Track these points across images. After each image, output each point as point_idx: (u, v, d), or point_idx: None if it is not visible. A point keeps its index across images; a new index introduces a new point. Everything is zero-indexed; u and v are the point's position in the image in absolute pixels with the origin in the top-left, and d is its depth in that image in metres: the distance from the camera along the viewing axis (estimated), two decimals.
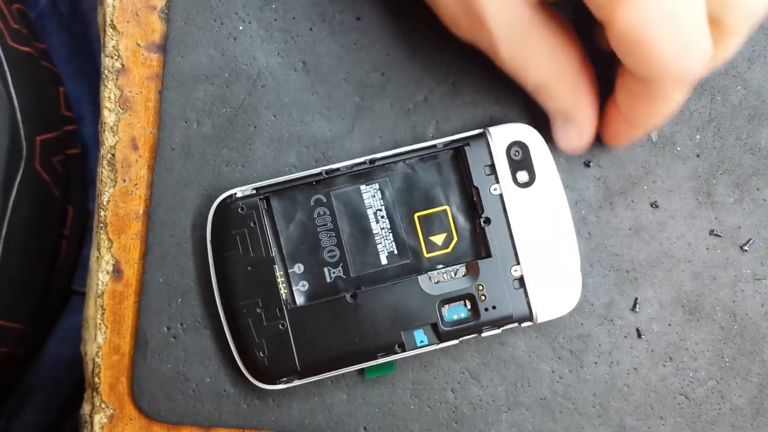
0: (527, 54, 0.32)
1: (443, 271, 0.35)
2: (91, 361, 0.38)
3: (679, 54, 0.28)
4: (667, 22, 0.28)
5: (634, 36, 0.28)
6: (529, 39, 0.31)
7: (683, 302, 0.37)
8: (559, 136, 0.35)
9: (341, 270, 0.35)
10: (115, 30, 0.38)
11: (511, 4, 0.30)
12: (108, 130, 0.38)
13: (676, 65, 0.29)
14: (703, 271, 0.37)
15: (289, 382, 0.35)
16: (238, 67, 0.37)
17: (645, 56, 0.29)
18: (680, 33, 0.28)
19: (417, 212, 0.35)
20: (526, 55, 0.32)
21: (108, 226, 0.37)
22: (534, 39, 0.31)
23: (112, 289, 0.38)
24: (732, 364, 0.37)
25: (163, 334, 0.37)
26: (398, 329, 0.34)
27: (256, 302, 0.35)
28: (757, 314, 0.37)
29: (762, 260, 0.37)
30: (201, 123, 0.37)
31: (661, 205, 0.37)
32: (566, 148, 0.35)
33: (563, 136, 0.35)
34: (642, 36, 0.28)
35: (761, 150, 0.37)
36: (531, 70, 0.32)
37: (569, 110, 0.34)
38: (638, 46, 0.28)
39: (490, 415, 0.37)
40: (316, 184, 0.35)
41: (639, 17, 0.28)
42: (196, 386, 0.37)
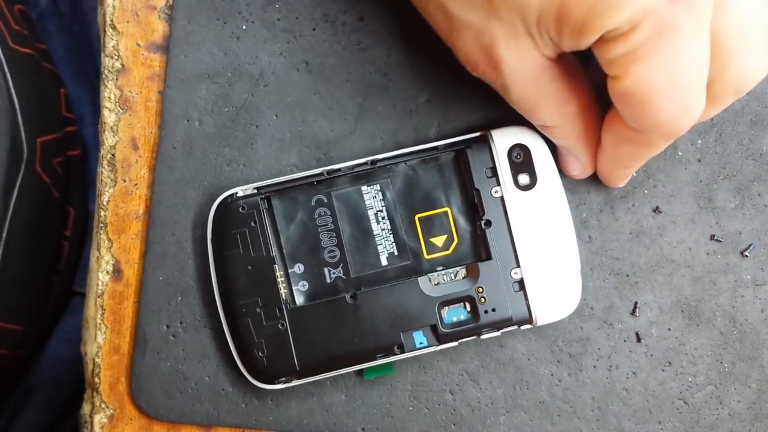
0: (538, 101, 0.33)
1: (443, 273, 0.35)
2: (91, 361, 0.38)
3: (677, 115, 0.30)
4: (674, 87, 0.29)
5: (640, 95, 0.29)
6: (541, 90, 0.32)
7: (683, 307, 0.37)
8: (564, 165, 0.36)
9: (341, 270, 0.35)
10: (115, 30, 0.38)
11: (529, 59, 0.31)
12: (108, 130, 0.38)
13: (673, 124, 0.30)
14: (703, 276, 0.37)
15: (287, 382, 0.35)
16: (240, 67, 0.37)
17: (645, 113, 0.30)
18: (684, 97, 0.29)
19: (418, 213, 0.35)
20: (537, 102, 0.33)
21: (108, 226, 0.37)
22: (545, 90, 0.32)
23: (112, 289, 0.38)
24: (731, 370, 0.37)
25: (162, 333, 0.37)
26: (398, 330, 0.34)
27: (255, 302, 0.35)
28: (756, 320, 0.37)
29: (762, 266, 0.37)
30: (203, 122, 0.37)
31: (662, 209, 0.37)
32: (569, 176, 0.36)
33: (567, 165, 0.36)
34: (647, 96, 0.29)
35: (762, 156, 0.37)
36: (540, 114, 0.33)
37: (573, 148, 0.35)
38: (641, 104, 0.29)
39: (488, 417, 0.37)
40: (317, 184, 0.35)
41: (649, 79, 0.29)
42: (194, 385, 0.37)
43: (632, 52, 0.28)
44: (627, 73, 0.29)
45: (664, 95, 0.29)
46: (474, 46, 0.32)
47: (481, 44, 0.31)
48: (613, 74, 0.30)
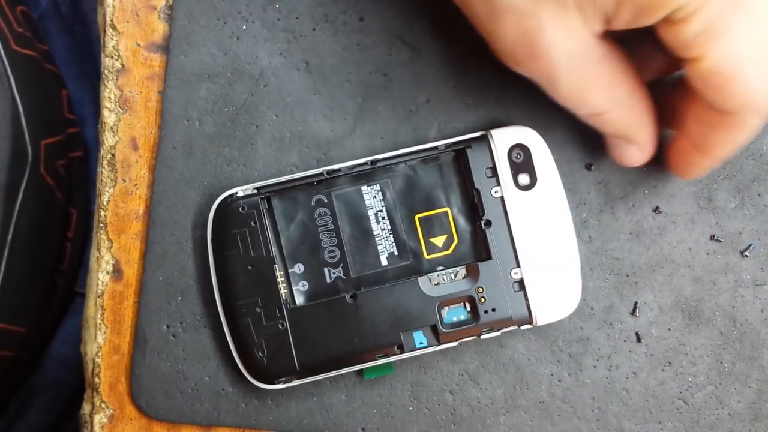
0: (587, 85, 0.31)
1: (443, 273, 0.35)
2: (91, 361, 0.38)
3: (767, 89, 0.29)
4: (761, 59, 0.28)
5: (728, 73, 0.28)
6: (590, 70, 0.31)
7: (683, 307, 0.37)
8: (619, 155, 0.35)
9: (341, 270, 0.35)
10: (115, 30, 0.38)
11: (579, 38, 0.30)
12: (108, 130, 0.38)
13: (764, 100, 0.29)
14: (703, 276, 0.37)
15: (287, 382, 0.35)
16: (240, 67, 0.37)
17: (736, 92, 0.29)
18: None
19: (418, 214, 0.35)
20: (586, 86, 0.31)
21: (108, 226, 0.37)
22: (594, 70, 0.31)
23: (112, 289, 0.38)
24: (731, 370, 0.37)
25: (162, 333, 0.37)
26: (398, 330, 0.34)
27: (255, 302, 0.35)
28: (756, 320, 0.37)
29: (762, 266, 0.37)
30: (203, 122, 0.37)
31: (662, 209, 0.37)
32: (626, 165, 0.35)
33: (622, 154, 0.35)
34: (736, 72, 0.28)
35: (762, 156, 0.37)
36: (590, 100, 0.32)
37: (628, 134, 0.33)
38: (730, 82, 0.28)
39: (488, 417, 0.37)
40: (317, 184, 0.35)
41: (735, 53, 0.28)
42: (194, 385, 0.37)
43: (709, 28, 0.27)
44: (708, 51, 0.28)
45: (755, 67, 0.28)
46: (517, 32, 0.30)
47: (526, 30, 0.30)
48: (692, 56, 0.28)
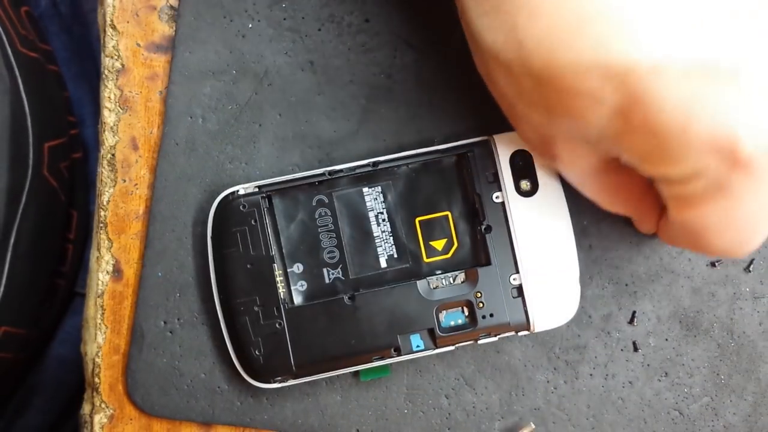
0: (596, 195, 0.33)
1: (442, 277, 0.35)
2: (91, 361, 0.38)
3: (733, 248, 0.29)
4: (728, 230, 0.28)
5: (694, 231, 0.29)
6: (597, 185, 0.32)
7: (681, 317, 0.37)
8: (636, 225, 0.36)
9: (340, 271, 0.35)
10: (115, 30, 0.38)
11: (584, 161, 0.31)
12: (108, 130, 0.38)
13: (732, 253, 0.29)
14: (702, 288, 0.37)
15: (283, 381, 0.35)
16: (245, 65, 0.37)
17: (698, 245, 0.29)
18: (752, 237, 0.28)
19: (418, 217, 0.35)
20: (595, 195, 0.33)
21: (108, 226, 0.37)
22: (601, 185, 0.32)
23: (112, 289, 0.38)
24: (727, 382, 0.37)
25: (159, 329, 0.37)
26: (395, 333, 0.34)
27: (254, 300, 0.35)
28: (754, 332, 0.37)
29: (761, 279, 0.37)
30: (206, 119, 0.37)
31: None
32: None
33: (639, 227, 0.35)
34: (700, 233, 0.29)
35: None
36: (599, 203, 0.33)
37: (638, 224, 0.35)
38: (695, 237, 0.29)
39: (483, 422, 0.37)
40: (318, 184, 0.35)
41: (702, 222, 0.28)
42: (190, 382, 0.37)
43: (687, 198, 0.28)
44: (681, 211, 0.29)
45: (718, 235, 0.28)
46: (534, 135, 0.32)
47: (542, 137, 0.31)
48: (668, 204, 0.29)
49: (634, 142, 0.27)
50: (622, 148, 0.28)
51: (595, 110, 0.27)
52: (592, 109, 0.27)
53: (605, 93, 0.26)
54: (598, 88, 0.26)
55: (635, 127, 0.26)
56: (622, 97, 0.26)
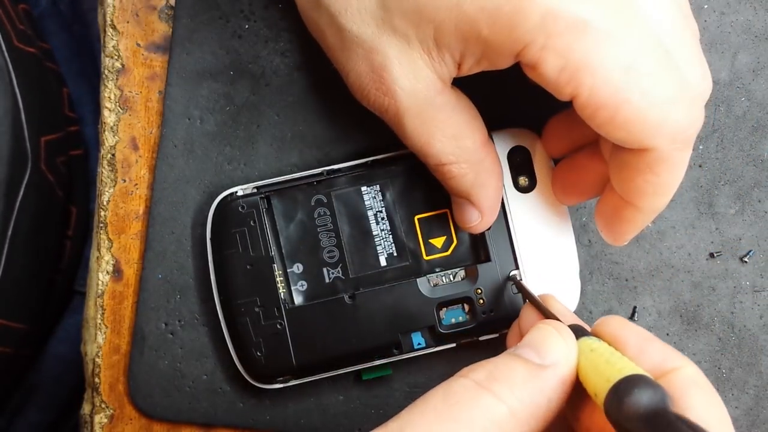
0: (432, 131, 0.31)
1: (442, 274, 0.35)
2: (91, 361, 0.38)
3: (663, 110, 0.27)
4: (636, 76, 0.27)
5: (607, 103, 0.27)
6: (436, 116, 0.31)
7: (681, 312, 0.37)
8: (460, 216, 0.34)
9: (340, 271, 0.35)
10: (115, 30, 0.38)
11: (423, 78, 0.30)
12: (108, 130, 0.38)
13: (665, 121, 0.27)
14: (702, 282, 0.37)
15: (285, 381, 0.35)
16: (242, 66, 0.37)
17: (626, 121, 0.27)
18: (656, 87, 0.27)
19: (417, 215, 0.35)
20: (431, 132, 0.31)
21: (108, 226, 0.37)
22: (441, 116, 0.31)
23: (112, 289, 0.38)
24: (729, 376, 0.37)
25: (160, 331, 0.37)
26: (396, 331, 0.34)
27: (254, 301, 0.35)
28: (755, 326, 0.37)
29: (761, 272, 0.37)
30: (204, 120, 0.37)
31: (662, 214, 0.37)
32: (467, 229, 0.34)
33: (464, 216, 0.33)
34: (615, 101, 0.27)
35: (763, 162, 0.37)
36: (435, 147, 0.31)
37: (471, 190, 0.32)
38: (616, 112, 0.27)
39: None
40: (317, 184, 0.35)
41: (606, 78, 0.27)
42: (192, 383, 0.37)
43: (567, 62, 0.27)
44: (579, 85, 0.27)
45: (634, 90, 0.27)
46: (365, 66, 0.31)
47: (373, 64, 0.30)
48: (568, 94, 0.28)
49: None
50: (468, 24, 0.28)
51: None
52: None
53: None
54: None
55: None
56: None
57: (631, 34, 0.27)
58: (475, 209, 0.33)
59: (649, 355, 0.25)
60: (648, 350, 0.25)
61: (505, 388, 0.24)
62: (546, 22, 0.26)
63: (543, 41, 0.27)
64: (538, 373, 0.25)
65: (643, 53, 0.27)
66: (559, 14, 0.26)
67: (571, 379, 0.25)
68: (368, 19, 0.30)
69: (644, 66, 0.27)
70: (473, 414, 0.24)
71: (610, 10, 0.27)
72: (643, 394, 0.22)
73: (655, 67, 0.27)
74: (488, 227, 0.34)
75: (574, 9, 0.26)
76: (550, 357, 0.25)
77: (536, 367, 0.25)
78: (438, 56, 0.29)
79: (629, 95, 0.27)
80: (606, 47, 0.27)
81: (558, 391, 0.25)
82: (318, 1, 0.31)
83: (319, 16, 0.32)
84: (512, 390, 0.24)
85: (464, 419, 0.24)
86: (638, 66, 0.27)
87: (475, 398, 0.24)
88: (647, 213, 0.31)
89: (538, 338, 0.26)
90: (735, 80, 0.38)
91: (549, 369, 0.25)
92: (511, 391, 0.24)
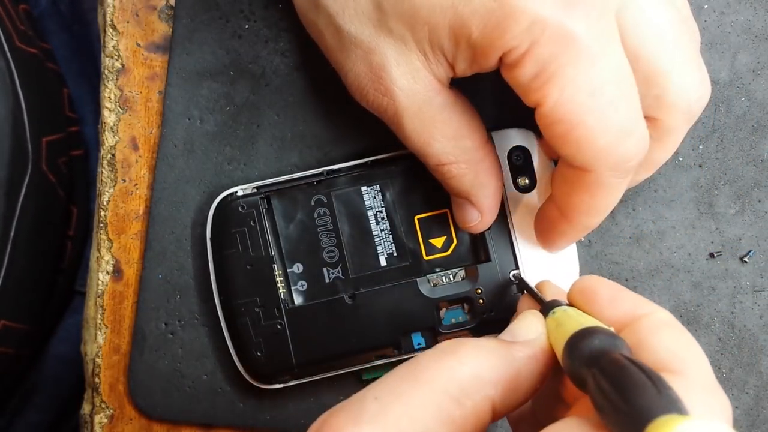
0: (432, 131, 0.31)
1: (442, 274, 0.35)
2: (91, 362, 0.38)
3: (617, 137, 0.28)
4: (600, 103, 0.27)
5: (567, 118, 0.27)
6: (435, 116, 0.31)
7: (681, 312, 0.37)
8: (459, 216, 0.34)
9: (340, 271, 0.35)
10: (115, 30, 0.38)
11: (421, 79, 0.30)
12: (108, 130, 0.38)
13: (616, 150, 0.28)
14: (702, 282, 0.37)
15: (285, 381, 0.35)
16: (242, 66, 0.37)
17: (580, 139, 0.28)
18: (616, 113, 0.27)
19: (417, 215, 0.35)
20: (431, 132, 0.31)
21: (108, 226, 0.37)
22: (440, 117, 0.31)
23: (112, 289, 0.38)
24: (729, 376, 0.37)
25: (161, 331, 0.37)
26: (396, 331, 0.34)
27: (254, 301, 0.35)
28: (755, 326, 0.37)
29: (761, 272, 0.37)
30: (204, 120, 0.37)
31: (662, 214, 0.37)
32: (466, 228, 0.34)
33: (463, 215, 0.34)
34: (575, 118, 0.27)
35: (764, 162, 0.37)
36: (434, 147, 0.31)
37: (470, 190, 0.33)
38: (573, 129, 0.28)
39: None
40: (317, 184, 0.35)
41: (570, 97, 0.27)
42: (192, 383, 0.37)
43: (542, 71, 0.27)
44: (545, 95, 0.28)
45: (593, 114, 0.27)
46: (364, 67, 0.31)
47: (371, 65, 0.30)
48: (533, 101, 0.28)
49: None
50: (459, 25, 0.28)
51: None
52: None
53: None
54: None
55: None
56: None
57: (608, 53, 0.27)
58: (475, 209, 0.33)
59: (620, 303, 0.26)
60: (618, 299, 0.26)
61: (470, 354, 0.25)
62: (533, 28, 0.27)
63: (526, 46, 0.27)
64: (508, 346, 0.26)
65: (613, 79, 0.27)
66: (547, 23, 0.27)
67: (544, 356, 0.26)
68: (365, 21, 0.30)
69: (609, 92, 0.27)
70: (434, 375, 0.24)
71: (596, 26, 0.27)
72: (594, 339, 0.23)
73: (618, 95, 0.28)
74: (488, 227, 0.34)
75: (563, 20, 0.27)
76: (521, 335, 0.26)
77: (507, 343, 0.26)
78: (433, 57, 0.30)
79: (586, 118, 0.27)
80: (581, 65, 0.27)
81: (529, 366, 0.25)
82: (316, 2, 0.31)
83: (318, 18, 0.32)
84: (477, 356, 0.25)
85: (424, 379, 0.24)
86: (604, 91, 0.27)
87: (438, 361, 0.24)
88: (579, 229, 0.32)
89: (515, 323, 0.27)
90: (735, 80, 0.38)
91: (518, 344, 0.26)
92: (475, 356, 0.25)
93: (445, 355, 0.25)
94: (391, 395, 0.24)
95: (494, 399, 0.24)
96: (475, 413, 0.24)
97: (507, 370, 0.25)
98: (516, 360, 0.25)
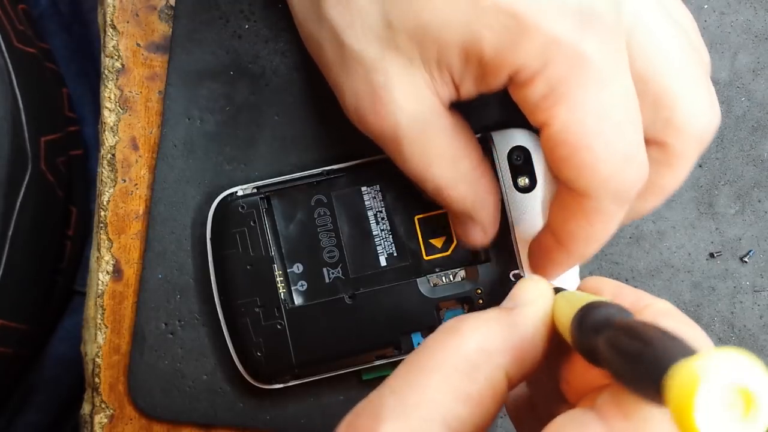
0: (431, 156, 0.30)
1: (442, 275, 0.35)
2: (91, 362, 0.38)
3: (620, 163, 0.27)
4: (607, 127, 0.27)
5: (573, 140, 0.27)
6: (436, 140, 0.30)
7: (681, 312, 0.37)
8: (462, 233, 0.34)
9: (340, 271, 0.35)
10: (115, 30, 0.38)
11: (423, 100, 0.30)
12: (108, 130, 0.38)
13: (618, 176, 0.27)
14: (702, 282, 0.37)
15: (285, 382, 0.35)
16: (242, 66, 0.37)
17: (583, 164, 0.27)
18: (621, 138, 0.27)
19: (417, 215, 0.35)
20: (430, 157, 0.31)
21: (108, 226, 0.37)
22: (439, 141, 0.30)
23: (112, 289, 0.38)
24: None
25: (161, 331, 0.37)
26: (396, 331, 0.34)
27: (254, 301, 0.35)
28: (755, 326, 0.37)
29: (761, 272, 0.37)
30: (204, 120, 0.37)
31: (662, 214, 0.37)
32: (470, 244, 0.34)
33: (466, 233, 0.33)
34: (581, 141, 0.27)
35: (763, 162, 0.37)
36: (434, 172, 0.31)
37: (472, 210, 0.32)
38: (577, 152, 0.27)
39: None
40: (317, 184, 0.35)
41: (578, 120, 0.27)
42: (192, 383, 0.37)
43: (552, 91, 0.27)
44: (553, 116, 0.27)
45: (599, 138, 0.27)
46: (364, 86, 0.30)
47: (372, 84, 0.30)
48: (540, 121, 0.28)
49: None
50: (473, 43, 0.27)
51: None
52: None
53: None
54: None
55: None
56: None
57: (619, 76, 0.27)
58: (478, 226, 0.33)
59: (623, 298, 0.25)
60: (621, 294, 0.26)
61: (472, 328, 0.25)
62: (548, 48, 0.26)
63: (539, 65, 0.27)
64: (508, 312, 0.25)
65: (621, 102, 0.27)
66: (562, 43, 0.26)
67: (546, 320, 0.26)
68: (372, 38, 0.29)
69: (617, 116, 0.27)
70: (441, 356, 0.24)
71: (608, 48, 0.27)
72: (603, 309, 0.22)
73: (625, 119, 0.27)
74: (490, 241, 0.34)
75: (577, 41, 0.26)
76: (521, 299, 0.26)
77: (507, 309, 0.26)
78: (440, 77, 0.29)
79: (593, 141, 0.27)
80: (592, 88, 0.27)
81: (531, 331, 0.25)
82: (320, 14, 0.30)
83: (320, 30, 0.31)
84: (479, 328, 0.24)
85: (433, 363, 0.24)
86: (612, 115, 0.27)
87: (443, 341, 0.24)
88: (574, 258, 0.31)
89: (514, 290, 0.27)
90: (735, 80, 0.38)
91: (519, 308, 0.26)
92: (477, 329, 0.24)
93: (449, 334, 0.25)
94: (405, 385, 0.24)
95: (506, 367, 0.24)
96: (490, 385, 0.24)
97: (512, 337, 0.25)
98: (519, 325, 0.25)
